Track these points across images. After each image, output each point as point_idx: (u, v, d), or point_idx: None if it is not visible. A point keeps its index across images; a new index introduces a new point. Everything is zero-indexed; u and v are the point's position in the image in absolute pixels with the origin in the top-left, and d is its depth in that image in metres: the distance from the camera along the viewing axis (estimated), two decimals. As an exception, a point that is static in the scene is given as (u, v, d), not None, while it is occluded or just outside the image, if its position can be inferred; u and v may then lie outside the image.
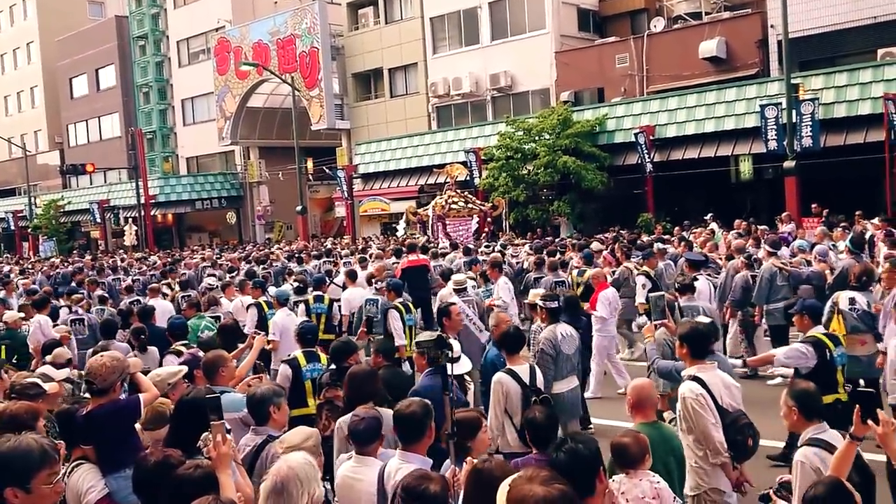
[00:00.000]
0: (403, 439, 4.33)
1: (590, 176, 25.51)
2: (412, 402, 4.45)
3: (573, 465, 3.53)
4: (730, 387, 5.17)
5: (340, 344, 6.61)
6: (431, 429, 4.34)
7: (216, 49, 43.22)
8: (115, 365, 4.89)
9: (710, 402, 4.97)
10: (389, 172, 34.86)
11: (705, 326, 5.56)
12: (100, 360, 4.90)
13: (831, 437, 4.32)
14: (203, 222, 48.89)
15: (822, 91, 22.37)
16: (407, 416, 4.33)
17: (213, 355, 6.08)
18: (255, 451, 4.93)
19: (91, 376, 4.87)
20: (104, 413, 4.85)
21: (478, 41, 34.05)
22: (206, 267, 21.13)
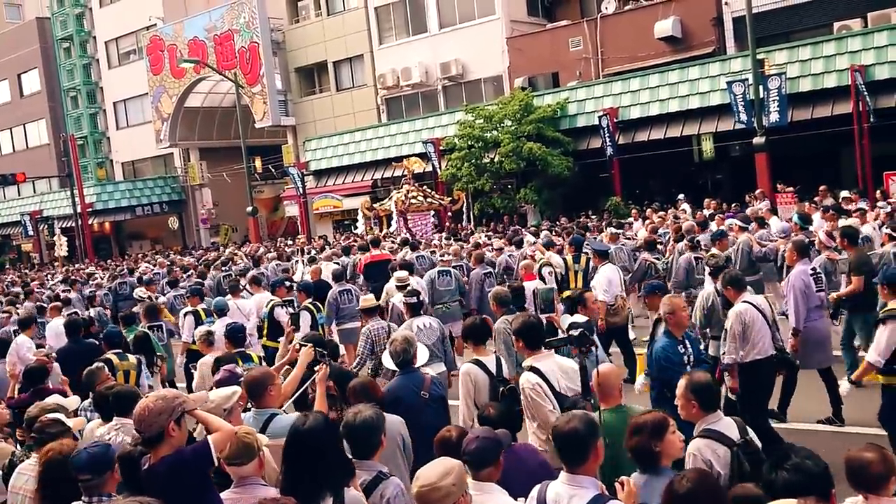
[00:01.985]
0: (568, 460, 3.75)
1: (556, 162, 24.83)
2: (572, 416, 3.84)
3: None
4: (568, 372, 5.24)
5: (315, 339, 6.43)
6: (599, 447, 3.76)
7: (149, 48, 41.14)
8: (161, 406, 4.02)
9: (546, 390, 5.08)
10: (341, 168, 33.59)
11: (536, 318, 5.64)
12: (143, 403, 4.08)
13: (724, 426, 4.29)
14: (143, 229, 46.65)
15: (787, 65, 22.10)
16: (568, 434, 3.72)
17: (260, 373, 5.24)
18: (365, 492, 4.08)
19: (137, 425, 4.07)
20: (166, 469, 3.99)
21: (426, 30, 33.01)
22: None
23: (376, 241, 15.96)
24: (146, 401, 4.07)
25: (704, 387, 4.36)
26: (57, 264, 37.39)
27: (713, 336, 8.36)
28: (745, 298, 7.29)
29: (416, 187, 25.05)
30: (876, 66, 20.87)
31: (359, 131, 33.09)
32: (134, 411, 4.11)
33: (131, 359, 8.15)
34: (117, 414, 5.42)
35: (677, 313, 6.09)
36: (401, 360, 5.80)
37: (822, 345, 8.20)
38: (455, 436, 4.23)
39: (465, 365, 5.95)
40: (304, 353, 5.95)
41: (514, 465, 4.18)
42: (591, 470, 3.75)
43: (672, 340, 6.04)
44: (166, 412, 3.99)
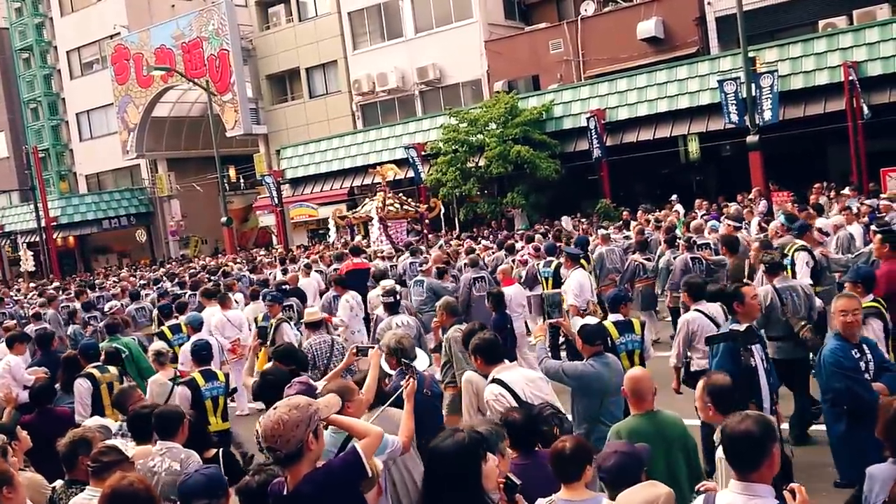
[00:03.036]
0: (739, 465, 3.29)
1: (544, 165, 23.96)
2: (746, 416, 3.34)
3: None
4: (534, 380, 5.16)
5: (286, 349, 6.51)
6: (775, 453, 3.26)
7: (114, 57, 39.45)
8: (297, 416, 3.41)
9: (510, 400, 4.96)
10: (318, 176, 32.33)
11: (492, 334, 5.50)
12: (273, 417, 3.42)
13: None
14: (109, 243, 44.75)
15: (777, 63, 21.53)
16: (740, 436, 3.24)
17: (337, 387, 4.74)
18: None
19: (270, 442, 3.41)
20: (317, 489, 3.41)
21: (401, 34, 32.00)
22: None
23: (356, 250, 15.55)
24: (277, 413, 3.40)
25: (722, 389, 4.17)
26: (21, 280, 35.58)
27: (770, 337, 7.48)
28: (698, 307, 7.27)
29: (392, 195, 24.37)
30: (868, 63, 20.39)
31: (336, 138, 31.90)
32: (264, 426, 3.43)
33: (112, 370, 7.77)
34: (161, 436, 4.91)
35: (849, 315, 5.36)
36: (409, 356, 5.64)
37: None
38: (569, 447, 3.75)
39: (466, 373, 5.80)
40: (373, 356, 5.42)
41: (536, 471, 3.99)
42: (766, 477, 3.24)
43: (843, 344, 5.26)
44: (304, 423, 3.38)
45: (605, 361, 5.61)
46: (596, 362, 5.59)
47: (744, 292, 5.90)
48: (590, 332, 5.75)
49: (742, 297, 5.87)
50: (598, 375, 5.55)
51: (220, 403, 7.19)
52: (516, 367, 5.35)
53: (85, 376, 7.48)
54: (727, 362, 5.36)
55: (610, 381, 5.50)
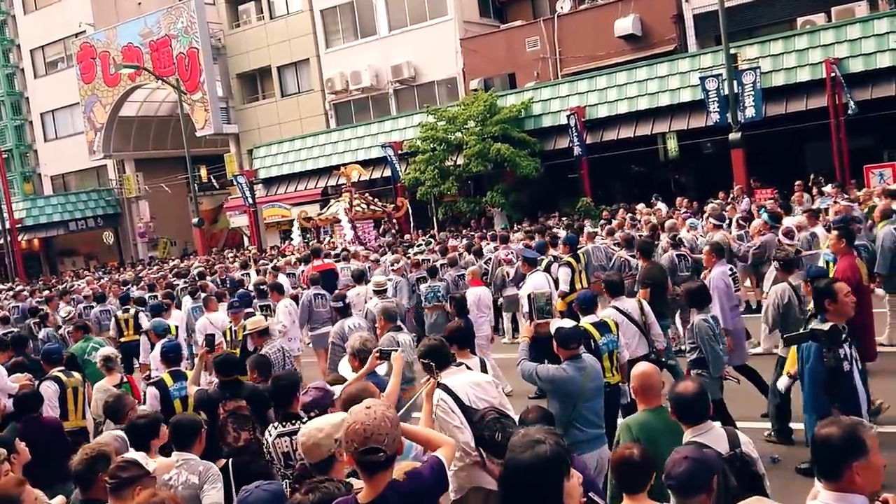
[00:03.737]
0: (825, 473, 3.01)
1: (524, 163, 23.33)
2: (832, 421, 3.06)
3: None
4: (480, 384, 4.93)
5: (224, 357, 6.35)
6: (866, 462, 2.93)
7: (79, 55, 38.06)
8: (392, 418, 3.04)
9: (452, 405, 4.73)
10: (292, 175, 31.40)
11: (438, 341, 5.27)
12: (374, 414, 2.99)
13: (712, 438, 3.88)
14: (76, 245, 43.23)
15: (758, 60, 21.12)
16: (823, 441, 2.98)
17: (357, 389, 4.40)
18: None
19: (375, 441, 2.95)
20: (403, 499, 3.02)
21: (375, 32, 31.19)
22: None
23: (317, 251, 15.48)
24: (376, 410, 3.00)
25: (686, 399, 3.95)
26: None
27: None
28: (615, 304, 7.46)
29: (358, 195, 23.94)
30: (850, 60, 20.04)
31: (310, 137, 30.99)
32: (363, 424, 2.96)
33: (76, 375, 7.71)
34: (178, 447, 4.64)
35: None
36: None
37: (741, 342, 8.12)
38: (637, 454, 3.52)
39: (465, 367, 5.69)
40: (396, 359, 5.18)
41: None
42: (856, 485, 2.90)
43: None
44: (395, 424, 3.02)
45: (581, 366, 5.41)
46: (570, 366, 5.41)
47: (836, 289, 5.35)
48: (564, 336, 5.54)
49: (834, 294, 5.32)
50: (570, 379, 5.35)
51: (189, 404, 6.82)
52: (463, 371, 5.12)
53: (52, 379, 7.42)
54: (817, 363, 4.95)
55: (584, 385, 5.31)
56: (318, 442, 3.54)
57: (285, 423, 4.89)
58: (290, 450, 4.74)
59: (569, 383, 5.35)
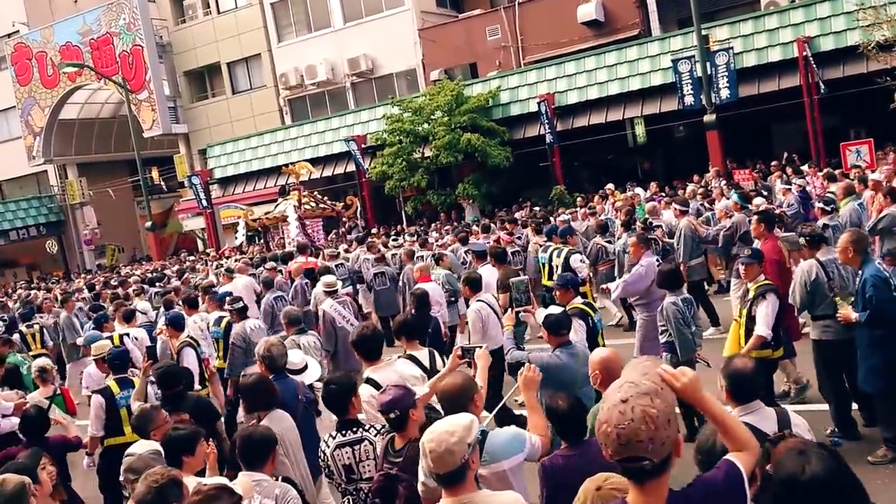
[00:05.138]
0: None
1: (495, 152, 22.57)
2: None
3: None
4: (407, 380, 4.97)
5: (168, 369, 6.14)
6: None
7: (14, 56, 35.84)
8: (665, 409, 2.23)
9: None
10: (249, 174, 29.98)
11: (370, 330, 5.38)
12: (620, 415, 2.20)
13: (759, 418, 3.72)
14: (16, 255, 40.66)
15: (729, 41, 20.77)
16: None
17: (463, 379, 4.09)
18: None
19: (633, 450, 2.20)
20: None
21: (329, 24, 30.05)
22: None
23: (303, 248, 15.09)
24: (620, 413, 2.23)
25: (738, 375, 3.84)
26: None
27: (816, 316, 6.67)
28: (480, 297, 7.80)
29: (308, 194, 23.12)
30: (821, 38, 19.82)
31: (267, 133, 29.65)
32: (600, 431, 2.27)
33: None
34: (247, 466, 4.10)
35: None
36: (277, 365, 5.63)
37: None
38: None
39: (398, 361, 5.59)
40: (482, 356, 4.70)
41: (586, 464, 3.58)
42: None
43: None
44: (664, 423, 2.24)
45: (573, 352, 5.28)
46: (562, 353, 5.26)
47: None
48: (553, 322, 5.38)
49: None
50: (564, 366, 5.20)
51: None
52: (393, 365, 5.20)
53: None
54: None
55: (577, 371, 5.14)
56: (451, 448, 2.97)
57: (344, 432, 4.36)
58: (353, 461, 4.30)
59: (563, 371, 5.16)
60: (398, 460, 4.00)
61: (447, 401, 3.89)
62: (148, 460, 4.14)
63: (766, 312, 6.35)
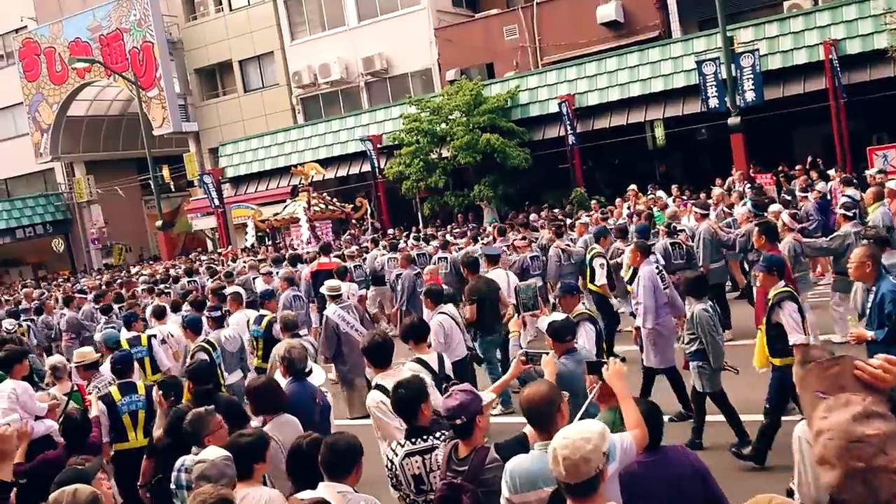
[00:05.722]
0: None
1: (514, 153, 22.29)
2: None
3: None
4: None
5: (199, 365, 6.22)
6: None
7: (22, 52, 35.49)
8: None
9: (389, 406, 4.67)
10: (261, 174, 29.65)
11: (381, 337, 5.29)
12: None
13: None
14: (21, 254, 40.30)
15: (753, 43, 20.52)
16: None
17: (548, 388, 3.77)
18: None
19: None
20: None
21: (344, 23, 29.73)
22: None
23: (326, 248, 14.91)
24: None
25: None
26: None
27: None
28: (442, 310, 7.84)
29: (318, 195, 23.11)
30: (847, 41, 19.58)
31: (280, 132, 29.33)
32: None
33: None
34: (331, 476, 3.82)
35: None
36: (299, 367, 5.62)
37: (670, 342, 7.97)
38: None
39: (407, 363, 5.63)
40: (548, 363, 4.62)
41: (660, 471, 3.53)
42: None
43: None
44: None
45: (578, 359, 5.11)
46: (568, 360, 5.14)
47: None
48: (558, 329, 5.26)
49: None
50: (571, 374, 4.99)
51: (139, 418, 6.51)
52: (401, 372, 5.10)
53: None
54: None
55: (581, 378, 4.82)
56: (587, 456, 2.81)
57: (414, 440, 4.19)
58: (423, 471, 4.12)
59: (570, 378, 4.93)
60: (463, 469, 3.82)
61: (533, 411, 3.66)
62: (222, 467, 3.89)
63: (788, 320, 6.16)
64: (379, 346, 5.19)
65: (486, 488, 3.74)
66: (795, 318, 6.15)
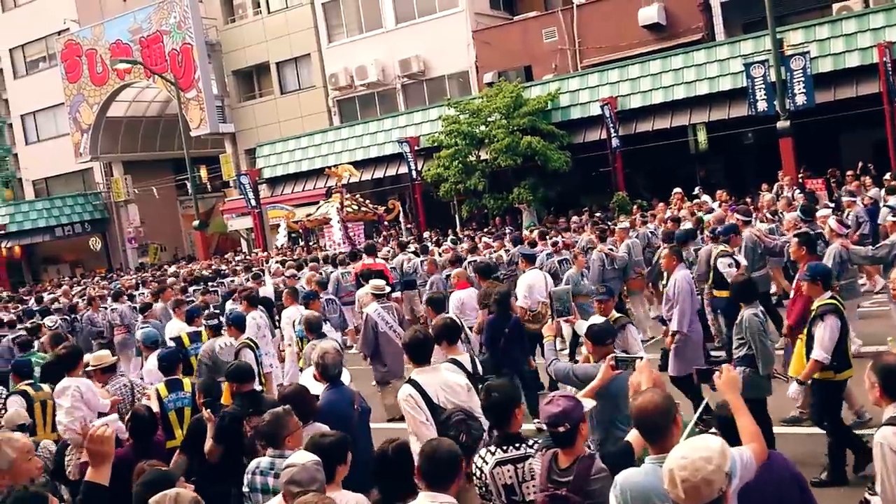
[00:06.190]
0: None
1: (555, 156, 21.78)
2: None
3: None
4: (451, 386, 5.02)
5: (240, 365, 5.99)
6: None
7: (64, 54, 35.68)
8: None
9: (419, 401, 4.87)
10: (298, 175, 29.43)
11: (423, 334, 5.25)
12: None
13: None
14: (60, 252, 40.52)
15: (803, 46, 19.83)
16: None
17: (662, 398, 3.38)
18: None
19: None
20: None
21: (381, 25, 29.45)
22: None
23: (370, 248, 14.71)
24: None
25: (890, 371, 3.67)
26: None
27: None
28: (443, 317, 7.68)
29: (350, 197, 22.83)
30: (902, 43, 18.84)
31: (317, 133, 29.11)
32: None
33: (45, 388, 7.11)
34: (431, 486, 3.51)
35: None
36: (333, 373, 5.47)
37: (699, 348, 7.82)
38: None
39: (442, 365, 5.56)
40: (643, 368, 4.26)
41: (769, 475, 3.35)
42: None
43: None
44: None
45: None
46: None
47: None
48: (598, 332, 5.24)
49: None
50: (611, 378, 4.90)
51: (185, 416, 6.31)
52: (438, 371, 5.13)
53: (18, 393, 7.02)
54: None
55: (624, 382, 4.72)
56: (709, 478, 2.59)
57: (506, 448, 3.98)
58: (516, 481, 3.93)
59: (610, 383, 4.90)
60: (566, 480, 3.60)
61: (646, 421, 3.36)
62: (313, 472, 3.59)
63: (823, 335, 5.98)
64: (420, 342, 5.13)
65: (592, 500, 3.54)
66: (832, 335, 5.97)
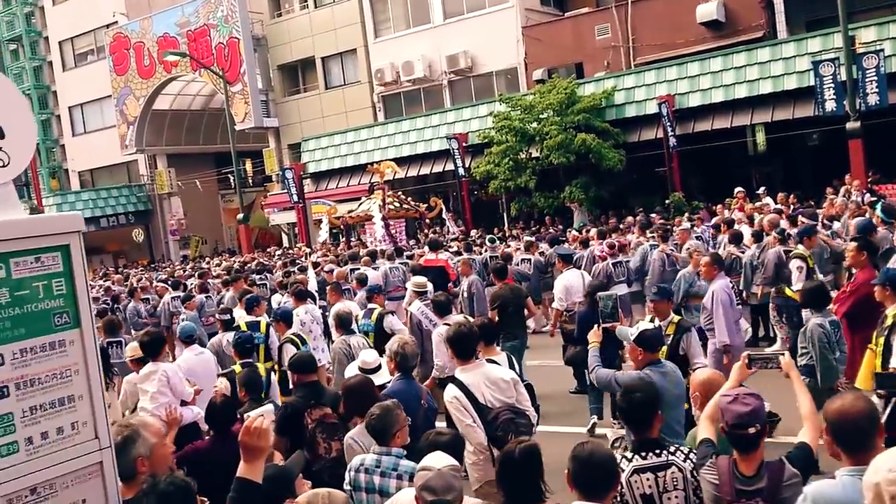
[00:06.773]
0: None
1: (609, 155, 20.88)
2: None
3: None
4: (496, 382, 4.77)
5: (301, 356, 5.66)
6: None
7: (112, 46, 35.49)
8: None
9: (465, 403, 4.65)
10: (343, 170, 28.82)
11: (468, 327, 4.95)
12: None
13: None
14: (103, 242, 40.31)
15: (875, 44, 18.73)
16: None
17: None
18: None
19: None
20: None
21: (429, 20, 28.71)
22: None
23: (435, 244, 13.96)
24: None
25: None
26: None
27: None
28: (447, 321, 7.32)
29: (392, 194, 22.49)
30: (984, 41, 17.68)
31: (363, 129, 28.47)
32: None
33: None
34: (586, 496, 3.07)
35: None
36: (410, 365, 5.21)
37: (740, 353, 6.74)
38: None
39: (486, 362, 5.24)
40: (788, 364, 3.78)
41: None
42: None
43: None
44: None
45: (663, 370, 4.80)
46: (652, 371, 4.76)
47: None
48: (650, 338, 4.93)
49: None
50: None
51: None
52: (482, 367, 4.89)
53: None
54: None
55: (668, 391, 4.63)
56: None
57: (644, 454, 3.62)
58: (655, 491, 3.56)
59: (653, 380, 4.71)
60: (757, 487, 3.21)
61: (848, 426, 2.89)
62: (449, 479, 3.17)
63: None
64: (464, 336, 4.88)
65: None
66: None
